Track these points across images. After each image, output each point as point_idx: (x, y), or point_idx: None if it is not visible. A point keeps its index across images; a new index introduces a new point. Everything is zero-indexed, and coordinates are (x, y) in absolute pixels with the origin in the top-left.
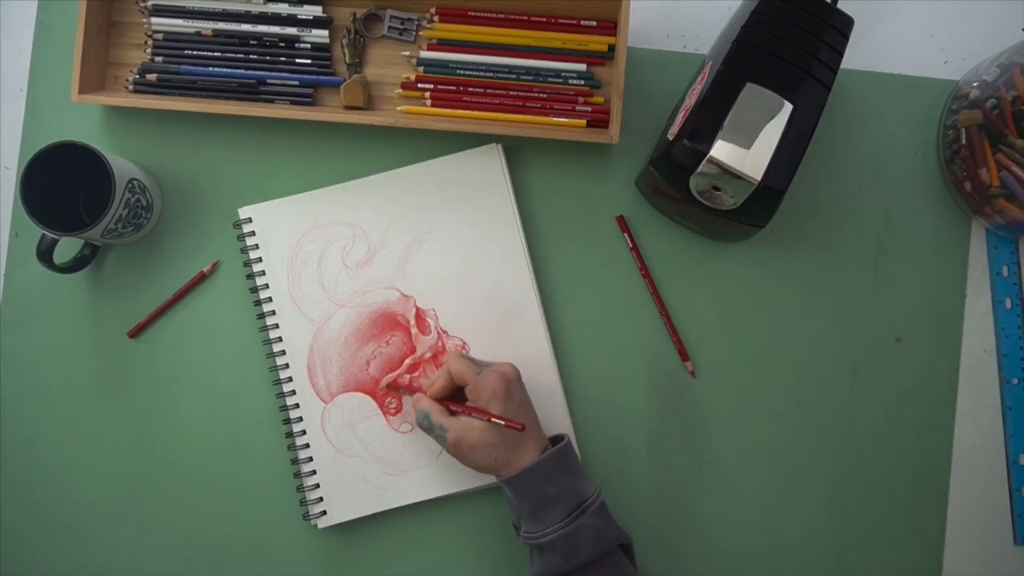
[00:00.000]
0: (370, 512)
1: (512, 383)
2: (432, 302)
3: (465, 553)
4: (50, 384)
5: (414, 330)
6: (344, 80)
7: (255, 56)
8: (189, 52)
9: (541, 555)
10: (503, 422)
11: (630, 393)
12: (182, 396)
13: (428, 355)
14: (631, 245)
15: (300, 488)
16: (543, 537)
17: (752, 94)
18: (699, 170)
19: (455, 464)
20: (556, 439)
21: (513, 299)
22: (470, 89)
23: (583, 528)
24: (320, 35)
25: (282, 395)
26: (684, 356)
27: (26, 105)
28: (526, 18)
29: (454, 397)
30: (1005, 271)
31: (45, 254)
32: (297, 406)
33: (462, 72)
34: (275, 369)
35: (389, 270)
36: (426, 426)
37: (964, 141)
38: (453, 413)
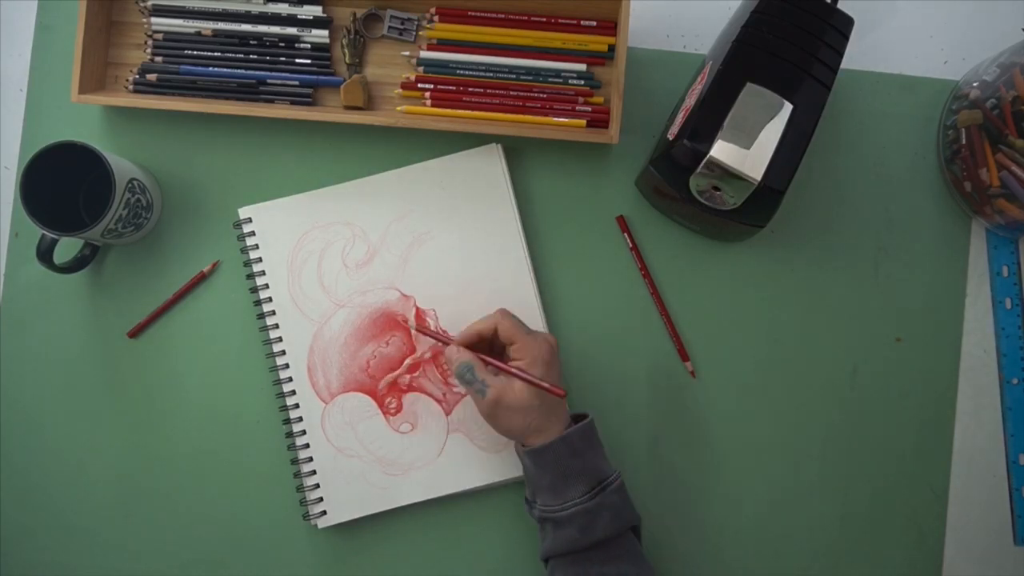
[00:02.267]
0: (370, 512)
1: (556, 351)
2: (432, 302)
3: (465, 553)
4: (50, 384)
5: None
6: (344, 80)
7: (255, 56)
8: (189, 52)
9: (556, 529)
10: (547, 386)
11: (630, 393)
12: (182, 396)
13: (428, 355)
14: (631, 245)
15: (300, 488)
16: (562, 511)
17: (752, 94)
18: (699, 170)
19: (455, 464)
20: (579, 417)
21: (513, 299)
22: (470, 89)
23: (603, 505)
24: (320, 35)
25: (282, 395)
26: (684, 356)
27: (26, 105)
28: (526, 18)
29: (487, 353)
30: (1005, 271)
31: (45, 254)
32: (297, 406)
33: (462, 72)
34: (275, 369)
35: (389, 270)
36: (468, 379)
37: (964, 141)
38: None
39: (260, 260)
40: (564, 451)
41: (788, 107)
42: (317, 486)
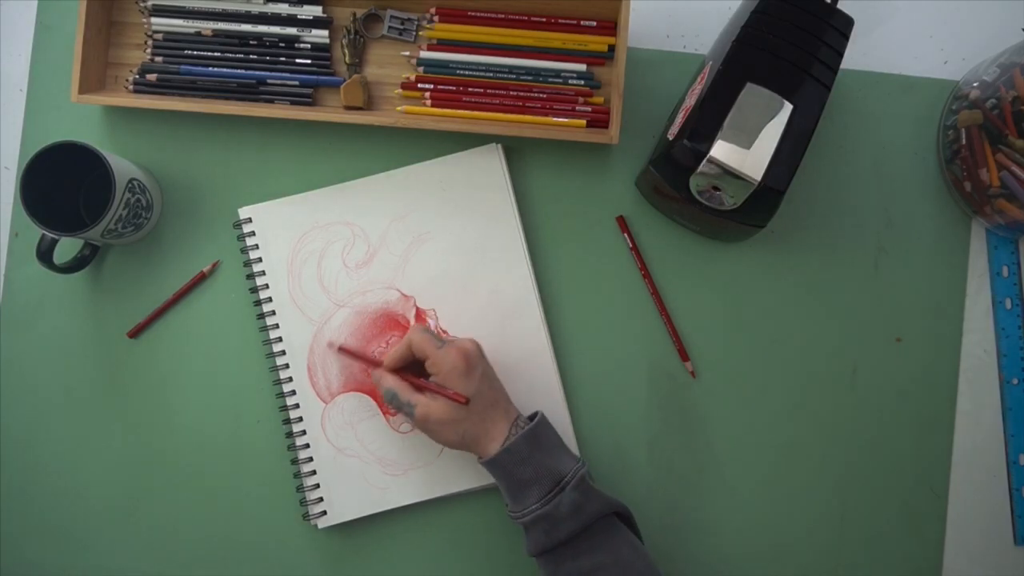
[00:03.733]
0: (370, 512)
1: (472, 357)
2: (432, 302)
3: (465, 553)
4: (50, 384)
5: None
6: (344, 80)
7: (255, 56)
8: (189, 52)
9: (526, 532)
10: (449, 393)
11: (630, 393)
12: (182, 396)
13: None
14: (631, 245)
15: (300, 488)
16: (524, 517)
17: (752, 94)
18: (699, 170)
19: (455, 464)
20: (532, 416)
21: (513, 299)
22: (470, 89)
23: (561, 506)
24: (320, 35)
25: (282, 395)
26: (684, 356)
27: (26, 105)
28: (526, 18)
29: (416, 371)
30: (1005, 271)
31: (45, 254)
32: (297, 406)
33: (462, 72)
34: (275, 369)
35: (389, 270)
36: (395, 404)
37: (964, 141)
38: (419, 389)
39: (260, 260)
40: (511, 460)
41: (788, 107)
42: (317, 486)
